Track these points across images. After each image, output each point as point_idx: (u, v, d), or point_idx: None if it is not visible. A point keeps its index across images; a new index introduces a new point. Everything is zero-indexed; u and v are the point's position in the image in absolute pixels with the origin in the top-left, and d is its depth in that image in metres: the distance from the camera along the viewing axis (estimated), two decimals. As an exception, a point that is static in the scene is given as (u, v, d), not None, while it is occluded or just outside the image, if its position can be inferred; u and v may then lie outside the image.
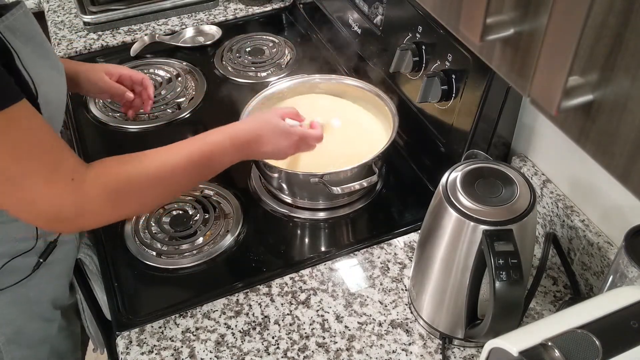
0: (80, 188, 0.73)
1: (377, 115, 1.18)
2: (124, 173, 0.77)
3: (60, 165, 0.73)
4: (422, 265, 0.87)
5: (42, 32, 0.85)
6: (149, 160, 0.80)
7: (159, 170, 0.80)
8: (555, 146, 0.99)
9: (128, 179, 0.77)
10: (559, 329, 0.59)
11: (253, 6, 1.67)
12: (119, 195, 0.76)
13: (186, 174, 0.83)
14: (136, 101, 1.16)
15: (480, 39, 0.45)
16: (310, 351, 0.89)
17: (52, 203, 0.72)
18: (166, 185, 0.82)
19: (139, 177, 0.78)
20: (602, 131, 0.39)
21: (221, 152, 0.87)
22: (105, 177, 0.76)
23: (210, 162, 0.86)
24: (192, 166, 0.83)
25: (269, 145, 0.93)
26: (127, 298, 0.97)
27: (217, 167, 0.88)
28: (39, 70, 0.78)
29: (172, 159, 0.81)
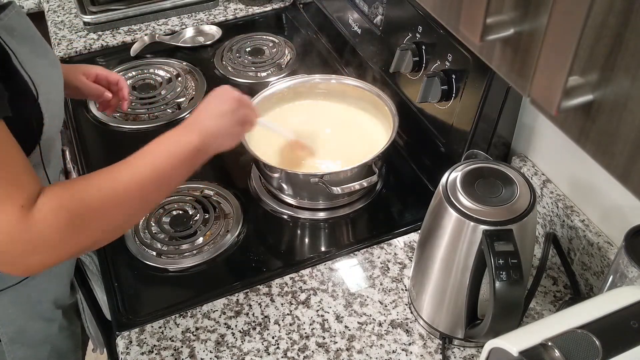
0: (29, 218, 0.65)
1: (377, 115, 1.18)
2: (79, 195, 0.69)
3: (10, 193, 0.65)
4: (422, 265, 0.87)
5: (37, 30, 0.85)
6: (105, 179, 0.72)
7: (117, 188, 0.71)
8: (555, 146, 0.99)
9: (84, 202, 0.69)
10: (559, 329, 0.59)
11: (253, 6, 1.67)
12: (76, 220, 0.67)
13: (154, 186, 0.74)
14: (113, 100, 1.16)
15: (480, 39, 0.45)
16: (310, 351, 0.89)
17: (3, 236, 0.64)
18: (126, 204, 0.72)
19: (96, 199, 0.69)
20: (602, 131, 0.39)
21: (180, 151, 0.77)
22: (57, 200, 0.67)
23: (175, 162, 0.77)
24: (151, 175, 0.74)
25: (212, 118, 0.84)
26: (127, 298, 0.97)
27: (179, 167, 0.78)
28: (39, 69, 0.78)
29: (135, 175, 0.73)
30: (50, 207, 0.67)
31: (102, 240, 0.74)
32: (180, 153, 0.77)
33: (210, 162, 1.26)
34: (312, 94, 1.23)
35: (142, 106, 1.36)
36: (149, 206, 0.77)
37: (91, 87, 1.12)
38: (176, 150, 0.76)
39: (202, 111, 0.85)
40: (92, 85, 1.12)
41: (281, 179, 1.08)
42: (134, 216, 0.76)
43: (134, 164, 0.73)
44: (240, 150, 1.06)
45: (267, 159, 1.06)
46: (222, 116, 0.85)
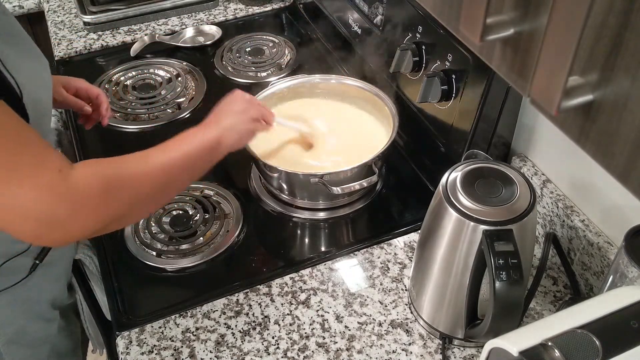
0: (69, 179, 0.68)
1: (377, 116, 1.18)
2: (114, 164, 0.74)
3: (45, 158, 0.68)
4: (422, 265, 0.87)
5: (23, 29, 0.84)
6: (137, 157, 0.77)
7: (152, 166, 0.77)
8: (555, 146, 0.99)
9: (118, 170, 0.74)
10: (559, 329, 0.59)
11: (253, 6, 1.67)
12: (110, 186, 0.71)
13: (178, 170, 0.81)
14: (94, 115, 1.13)
15: (480, 39, 0.45)
16: (310, 351, 0.89)
17: (43, 201, 0.66)
18: (159, 183, 0.78)
19: (129, 170, 0.75)
20: (602, 131, 0.39)
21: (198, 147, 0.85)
22: (94, 166, 0.72)
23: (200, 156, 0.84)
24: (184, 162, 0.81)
25: (230, 116, 0.92)
26: (127, 298, 0.97)
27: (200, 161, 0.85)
28: (23, 69, 0.76)
29: (163, 156, 0.79)
30: (91, 171, 0.71)
31: (135, 211, 0.79)
32: (200, 146, 0.84)
33: (210, 162, 1.27)
34: (312, 94, 1.23)
35: (142, 106, 1.36)
36: (176, 186, 0.84)
37: (70, 100, 1.10)
38: (197, 143, 0.84)
39: (217, 112, 0.93)
40: (71, 98, 1.10)
41: (281, 179, 1.08)
42: (163, 193, 0.81)
43: (164, 148, 0.80)
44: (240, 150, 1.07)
45: (267, 159, 1.06)
46: (235, 114, 0.93)
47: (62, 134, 1.26)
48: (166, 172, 0.79)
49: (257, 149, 1.07)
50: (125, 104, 1.37)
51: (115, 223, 0.76)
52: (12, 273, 0.91)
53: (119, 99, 1.38)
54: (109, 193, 0.71)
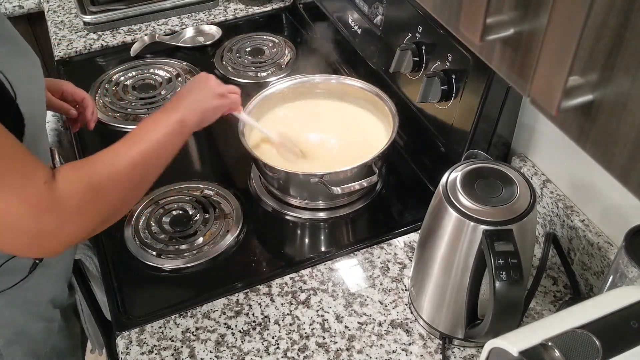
0: (54, 190, 0.69)
1: (377, 115, 1.18)
2: (91, 167, 0.75)
3: (30, 171, 0.68)
4: (422, 265, 0.87)
5: (12, 26, 0.84)
6: (109, 155, 0.78)
7: (124, 162, 0.78)
8: (555, 146, 0.99)
9: (96, 173, 0.74)
10: (559, 329, 0.59)
11: (253, 6, 1.67)
12: (92, 190, 0.72)
13: (150, 159, 0.81)
14: (80, 118, 1.12)
15: (480, 39, 0.45)
16: (310, 351, 0.89)
17: (31, 215, 0.67)
18: (135, 176, 0.79)
19: (106, 170, 0.75)
20: (602, 131, 0.39)
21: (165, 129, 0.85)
22: (76, 173, 0.73)
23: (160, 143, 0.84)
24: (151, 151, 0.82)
25: (189, 95, 0.92)
26: (127, 298, 0.97)
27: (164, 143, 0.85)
28: (16, 69, 0.76)
29: (133, 150, 0.79)
30: (71, 180, 0.71)
31: (120, 208, 0.80)
32: (166, 129, 0.84)
33: (210, 162, 1.27)
34: (312, 94, 1.23)
35: (142, 106, 1.36)
36: (151, 175, 0.84)
37: (55, 103, 1.09)
38: (163, 128, 0.84)
39: (179, 93, 0.93)
40: (56, 102, 1.09)
41: (281, 179, 1.08)
42: (141, 185, 0.82)
43: (130, 141, 0.80)
44: (240, 150, 1.07)
45: (267, 159, 1.06)
46: (197, 91, 0.93)
47: (61, 134, 1.26)
48: (141, 165, 0.79)
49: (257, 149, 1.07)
50: (125, 104, 1.37)
51: (104, 224, 0.77)
52: (12, 273, 0.91)
53: (119, 99, 1.38)
54: (92, 198, 0.73)
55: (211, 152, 1.29)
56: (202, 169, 1.25)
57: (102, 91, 1.39)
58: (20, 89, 0.75)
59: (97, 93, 1.39)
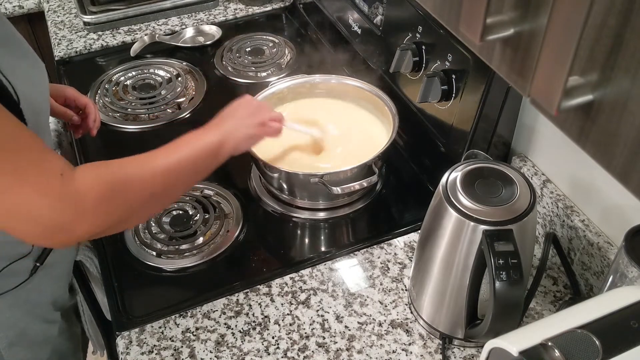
0: (71, 183, 0.68)
1: (377, 115, 1.18)
2: (116, 168, 0.75)
3: (46, 163, 0.68)
4: (422, 265, 0.87)
5: (17, 31, 0.84)
6: (135, 161, 0.78)
7: (153, 171, 0.77)
8: (555, 146, 0.99)
9: (120, 174, 0.74)
10: (559, 329, 0.59)
11: (253, 6, 1.67)
12: (112, 190, 0.72)
13: (180, 174, 0.81)
14: (83, 123, 1.12)
15: (480, 39, 0.45)
16: (310, 351, 0.89)
17: (47, 206, 0.67)
18: (160, 186, 0.79)
19: (131, 174, 0.75)
20: (602, 131, 0.39)
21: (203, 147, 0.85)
22: (96, 170, 0.72)
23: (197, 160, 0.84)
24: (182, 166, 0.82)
25: (233, 119, 0.92)
26: (127, 298, 0.97)
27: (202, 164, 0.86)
28: (19, 72, 0.76)
29: (165, 160, 0.79)
30: (92, 175, 0.71)
31: (137, 213, 0.79)
32: (201, 149, 0.84)
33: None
34: (312, 94, 1.23)
35: (142, 106, 1.36)
36: (177, 189, 0.84)
37: (57, 110, 1.08)
38: (198, 146, 0.84)
39: (222, 115, 0.93)
40: (59, 108, 1.08)
41: (281, 179, 1.08)
42: (164, 196, 0.82)
43: (162, 153, 0.80)
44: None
45: (267, 159, 1.06)
46: (239, 118, 0.92)
47: (61, 135, 1.26)
48: (167, 176, 0.79)
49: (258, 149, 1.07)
50: (125, 104, 1.37)
51: (118, 225, 0.76)
52: (13, 275, 0.91)
53: (119, 99, 1.38)
54: (111, 197, 0.72)
55: (211, 152, 1.29)
56: (202, 169, 1.25)
57: (102, 91, 1.39)
58: (24, 94, 0.75)
59: (97, 93, 1.39)
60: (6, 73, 0.73)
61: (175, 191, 0.84)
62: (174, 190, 0.83)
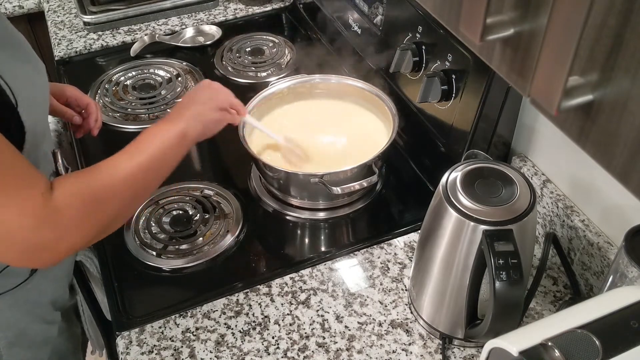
0: (51, 201, 0.68)
1: (377, 115, 1.18)
2: (88, 179, 0.75)
3: (30, 183, 0.68)
4: (422, 265, 0.87)
5: (18, 32, 0.83)
6: (108, 167, 0.78)
7: (122, 175, 0.77)
8: (555, 146, 0.99)
9: (93, 186, 0.74)
10: (559, 329, 0.59)
11: (253, 6, 1.67)
12: (89, 203, 0.72)
13: (149, 172, 0.81)
14: (84, 123, 1.11)
15: (480, 39, 0.45)
16: (310, 351, 0.89)
17: (28, 227, 0.67)
18: (133, 188, 0.79)
19: (102, 183, 0.75)
20: (602, 131, 0.39)
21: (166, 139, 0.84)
22: (72, 185, 0.72)
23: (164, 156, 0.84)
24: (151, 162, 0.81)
25: (192, 106, 0.90)
26: (127, 298, 0.97)
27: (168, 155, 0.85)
28: (20, 74, 0.75)
29: (131, 162, 0.79)
30: (69, 192, 0.71)
31: (118, 219, 0.79)
32: (166, 142, 0.83)
33: (210, 162, 1.27)
34: (312, 94, 1.23)
35: (142, 106, 1.36)
36: (151, 186, 0.84)
37: (58, 109, 1.07)
38: (163, 140, 0.83)
39: (180, 103, 0.92)
40: (60, 107, 1.07)
41: (281, 179, 1.08)
42: (140, 196, 0.82)
43: (130, 152, 0.80)
44: (240, 150, 1.07)
45: (267, 159, 1.06)
46: (199, 103, 0.92)
47: (61, 135, 1.26)
48: (137, 177, 0.79)
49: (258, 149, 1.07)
50: (125, 104, 1.37)
51: (101, 234, 0.77)
52: (13, 275, 0.91)
53: (119, 99, 1.38)
54: (89, 209, 0.73)
55: (211, 152, 1.29)
56: (202, 169, 1.25)
57: (102, 91, 1.39)
58: (22, 96, 0.74)
59: (97, 93, 1.39)
60: (6, 76, 0.72)
61: (151, 187, 0.84)
62: (148, 187, 0.83)
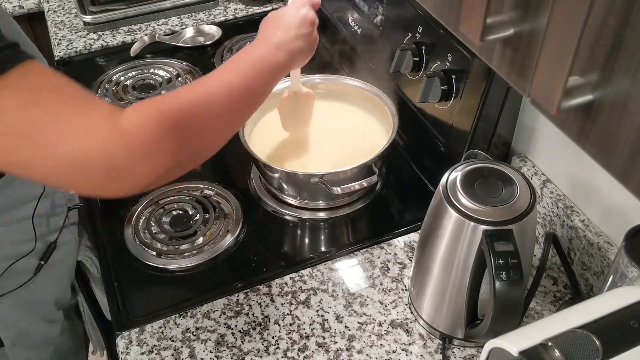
0: (120, 124, 0.62)
1: (377, 116, 1.18)
2: (167, 99, 0.67)
3: (91, 107, 0.63)
4: (422, 265, 0.87)
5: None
6: (194, 86, 0.72)
7: (206, 95, 0.70)
8: (555, 146, 0.99)
9: (173, 104, 0.67)
10: (559, 329, 0.59)
11: (253, 6, 1.67)
12: (166, 123, 0.64)
13: (240, 95, 0.74)
14: None
15: (480, 39, 0.45)
16: (310, 351, 0.89)
17: (95, 151, 0.61)
18: (215, 110, 0.71)
19: (185, 103, 0.68)
20: (602, 131, 0.39)
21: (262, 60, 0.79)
22: (146, 106, 0.65)
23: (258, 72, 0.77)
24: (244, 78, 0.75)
25: (279, 28, 0.85)
26: (127, 298, 0.97)
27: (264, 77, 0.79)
28: None
29: (217, 83, 0.72)
30: (140, 113, 0.64)
31: (195, 152, 0.71)
32: (267, 70, 0.78)
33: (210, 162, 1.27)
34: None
35: (142, 106, 1.36)
36: (238, 117, 0.77)
37: None
38: (263, 67, 0.77)
39: (279, 29, 0.85)
40: None
41: (281, 179, 1.08)
42: (225, 125, 0.74)
43: (223, 74, 0.74)
44: (240, 150, 1.07)
45: (267, 158, 1.06)
46: (298, 38, 0.87)
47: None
48: (228, 99, 0.72)
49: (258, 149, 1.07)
50: (125, 104, 1.36)
51: (179, 166, 0.69)
52: (17, 275, 0.91)
53: (119, 99, 1.38)
54: (164, 132, 0.65)
55: (211, 152, 1.29)
56: (202, 169, 1.25)
57: (102, 91, 1.39)
58: None
59: (97, 93, 1.39)
60: None
61: (242, 110, 0.77)
62: (240, 108, 0.76)
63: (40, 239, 0.93)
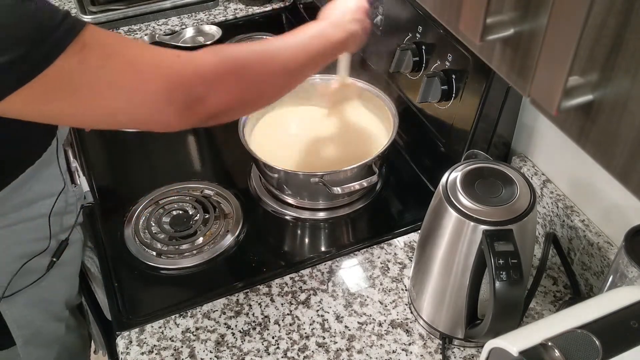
0: (193, 60, 0.70)
1: (377, 115, 1.18)
2: (232, 48, 0.77)
3: (159, 52, 0.70)
4: (422, 265, 0.87)
5: None
6: (257, 44, 0.81)
7: (266, 53, 0.79)
8: (555, 146, 0.99)
9: (236, 52, 0.76)
10: (559, 329, 0.59)
11: (253, 6, 1.67)
12: (235, 62, 0.74)
13: (301, 49, 0.83)
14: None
15: (480, 39, 0.45)
16: (310, 351, 0.89)
17: (177, 81, 0.68)
18: (273, 70, 0.80)
19: (247, 54, 0.77)
20: (602, 131, 0.39)
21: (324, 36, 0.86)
22: (219, 49, 0.75)
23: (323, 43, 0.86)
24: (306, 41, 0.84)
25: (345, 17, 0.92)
26: (127, 298, 0.97)
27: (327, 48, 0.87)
28: None
29: (279, 47, 0.81)
30: (213, 52, 0.73)
31: (257, 94, 0.79)
32: (324, 44, 0.85)
33: (210, 162, 1.27)
34: (312, 94, 1.23)
35: (142, 106, 1.36)
36: (292, 80, 0.84)
37: None
38: (320, 41, 0.85)
39: (347, 13, 0.92)
40: None
41: (281, 179, 1.08)
42: (280, 82, 0.82)
43: (286, 41, 0.82)
44: (240, 150, 1.07)
45: (267, 158, 1.06)
46: (354, 21, 0.92)
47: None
48: (286, 63, 0.80)
49: (258, 149, 1.07)
50: (125, 104, 1.36)
51: (245, 104, 0.78)
52: (29, 273, 0.92)
53: (119, 99, 1.37)
54: (235, 70, 0.73)
55: (211, 152, 1.29)
56: (202, 169, 1.25)
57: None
58: None
59: (97, 93, 1.39)
60: None
61: (298, 76, 0.85)
62: (296, 74, 0.84)
63: (54, 236, 0.94)
